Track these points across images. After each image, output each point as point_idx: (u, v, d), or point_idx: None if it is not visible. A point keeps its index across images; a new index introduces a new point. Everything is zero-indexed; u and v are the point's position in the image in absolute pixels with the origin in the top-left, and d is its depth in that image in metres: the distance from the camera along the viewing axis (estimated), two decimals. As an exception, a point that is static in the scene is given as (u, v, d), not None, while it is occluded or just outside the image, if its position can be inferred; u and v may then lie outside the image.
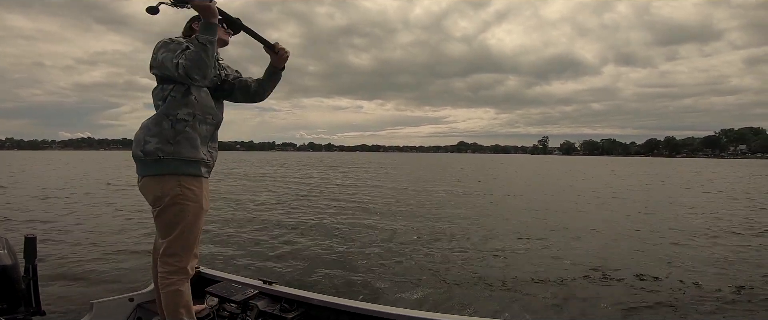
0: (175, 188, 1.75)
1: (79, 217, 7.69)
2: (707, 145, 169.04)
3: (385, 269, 4.55)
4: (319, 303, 2.14)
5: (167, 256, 1.80)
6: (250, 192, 12.66)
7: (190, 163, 1.80)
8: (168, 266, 1.80)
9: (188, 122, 1.78)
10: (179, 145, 1.76)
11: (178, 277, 1.81)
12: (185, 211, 1.79)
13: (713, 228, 7.27)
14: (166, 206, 1.76)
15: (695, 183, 19.75)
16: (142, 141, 1.75)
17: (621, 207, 10.35)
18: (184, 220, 1.79)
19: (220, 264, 4.43)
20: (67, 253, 4.88)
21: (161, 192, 1.75)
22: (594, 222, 7.87)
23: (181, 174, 1.77)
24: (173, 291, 1.79)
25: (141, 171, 1.81)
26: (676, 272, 4.56)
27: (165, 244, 1.80)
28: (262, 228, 6.77)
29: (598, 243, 5.98)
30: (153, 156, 1.73)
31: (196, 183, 1.81)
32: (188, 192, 1.79)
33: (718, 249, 5.68)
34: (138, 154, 1.76)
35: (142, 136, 1.76)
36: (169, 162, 1.75)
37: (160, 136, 1.74)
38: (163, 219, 1.79)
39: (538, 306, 3.60)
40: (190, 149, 1.78)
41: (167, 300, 1.80)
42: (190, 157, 1.78)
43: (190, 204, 1.79)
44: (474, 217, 8.24)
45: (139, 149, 1.75)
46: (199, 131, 1.82)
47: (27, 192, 11.89)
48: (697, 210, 9.95)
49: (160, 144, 1.73)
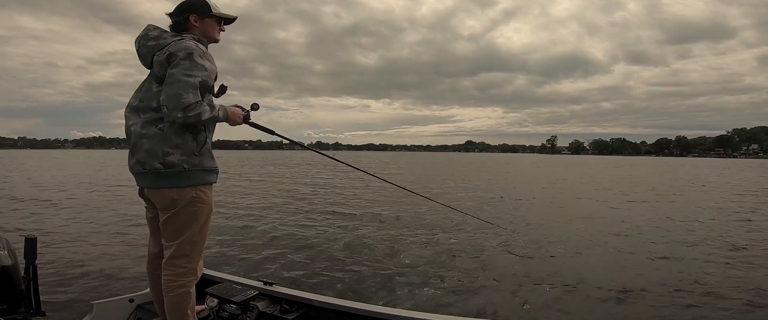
0: (191, 193, 1.75)
1: (80, 217, 7.68)
2: (719, 145, 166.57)
3: (386, 270, 4.53)
4: (319, 305, 2.14)
5: (176, 258, 1.78)
6: (251, 192, 12.67)
7: (210, 172, 1.82)
8: (177, 268, 1.79)
9: (207, 134, 1.80)
10: (203, 156, 1.77)
11: (188, 279, 1.81)
12: (199, 214, 1.79)
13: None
14: (180, 210, 1.75)
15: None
16: (159, 153, 1.68)
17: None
18: (196, 223, 1.79)
19: (221, 265, 4.42)
20: (68, 254, 4.88)
21: (177, 197, 1.74)
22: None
23: (200, 184, 1.78)
24: (183, 293, 1.79)
25: (156, 183, 1.74)
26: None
27: (174, 247, 1.78)
28: (262, 229, 6.76)
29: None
30: (177, 168, 1.70)
31: (209, 188, 1.83)
32: (203, 195, 1.79)
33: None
34: (156, 167, 1.69)
35: (159, 147, 1.68)
36: (194, 174, 1.74)
37: (183, 148, 1.71)
38: (175, 222, 1.77)
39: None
40: (210, 159, 1.81)
41: (176, 302, 1.79)
42: (209, 167, 1.80)
43: (203, 206, 1.80)
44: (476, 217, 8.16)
45: (157, 161, 1.68)
46: (210, 140, 1.84)
47: (28, 193, 11.89)
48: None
49: (185, 156, 1.71)
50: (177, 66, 1.63)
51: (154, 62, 1.74)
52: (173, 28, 1.83)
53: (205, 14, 1.84)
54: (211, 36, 1.88)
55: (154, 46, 1.75)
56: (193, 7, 1.82)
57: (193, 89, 1.63)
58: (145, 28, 1.81)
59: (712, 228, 7.39)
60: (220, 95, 1.81)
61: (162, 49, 1.72)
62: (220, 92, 1.80)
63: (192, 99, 1.62)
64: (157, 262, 1.88)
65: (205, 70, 1.69)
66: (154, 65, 1.75)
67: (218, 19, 1.89)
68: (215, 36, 1.89)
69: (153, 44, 1.75)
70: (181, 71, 1.62)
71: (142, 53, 1.78)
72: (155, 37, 1.76)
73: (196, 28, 1.83)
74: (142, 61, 1.80)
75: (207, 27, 1.85)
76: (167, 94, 1.62)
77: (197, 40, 1.78)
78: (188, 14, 1.81)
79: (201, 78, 1.66)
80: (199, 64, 1.67)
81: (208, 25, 1.86)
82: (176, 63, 1.64)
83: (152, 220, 1.90)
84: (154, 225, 1.89)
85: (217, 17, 1.88)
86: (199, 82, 1.66)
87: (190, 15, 1.81)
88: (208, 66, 1.72)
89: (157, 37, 1.76)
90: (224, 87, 1.82)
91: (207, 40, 1.87)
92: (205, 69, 1.69)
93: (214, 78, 1.77)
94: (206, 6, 1.84)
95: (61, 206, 9.28)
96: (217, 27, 1.90)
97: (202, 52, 1.72)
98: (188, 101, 1.61)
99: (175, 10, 1.83)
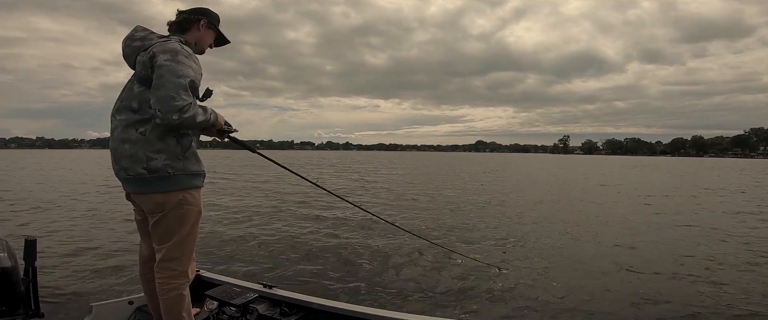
0: (177, 196, 1.74)
1: (80, 219, 7.66)
2: (736, 145, 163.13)
3: (387, 274, 4.49)
4: (318, 307, 2.14)
5: (167, 261, 1.78)
6: (252, 194, 12.71)
7: (196, 176, 1.80)
8: (169, 271, 1.79)
9: (192, 138, 1.77)
10: (188, 160, 1.75)
11: (180, 282, 1.81)
12: (187, 216, 1.78)
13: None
14: (167, 213, 1.74)
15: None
16: (142, 157, 1.65)
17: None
18: (185, 225, 1.79)
19: (220, 267, 4.43)
20: (67, 256, 4.88)
21: (164, 201, 1.73)
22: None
23: (186, 188, 1.76)
24: (176, 295, 1.79)
25: (141, 188, 1.72)
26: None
27: (164, 250, 1.78)
28: (262, 231, 6.76)
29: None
30: (161, 172, 1.67)
31: (196, 191, 1.82)
32: (190, 197, 1.78)
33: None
34: (139, 172, 1.66)
35: (141, 152, 1.65)
36: (179, 178, 1.73)
37: (167, 152, 1.68)
38: (163, 225, 1.76)
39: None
40: (196, 163, 1.78)
41: (169, 305, 1.79)
42: (196, 171, 1.78)
43: (191, 209, 1.79)
44: (482, 218, 8.11)
45: (140, 166, 1.65)
46: (196, 143, 1.81)
47: (31, 193, 11.90)
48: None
49: (169, 160, 1.68)
50: (163, 67, 1.59)
51: (137, 62, 1.72)
52: (174, 25, 1.85)
53: (212, 26, 1.92)
54: (203, 46, 1.92)
55: (139, 47, 1.74)
56: (208, 14, 1.90)
57: (185, 90, 1.60)
58: (133, 28, 1.80)
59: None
60: (204, 99, 1.77)
61: (146, 49, 1.71)
62: (205, 96, 1.77)
63: (186, 100, 1.59)
64: (149, 265, 1.88)
65: (192, 70, 1.66)
66: (136, 65, 1.73)
67: (217, 35, 1.96)
68: (205, 48, 1.93)
69: (138, 45, 1.75)
70: (169, 73, 1.59)
71: (127, 53, 1.78)
72: (141, 37, 1.76)
73: (198, 33, 1.87)
74: (127, 61, 1.80)
75: (206, 37, 1.91)
76: (158, 96, 1.57)
77: (184, 43, 1.77)
78: (201, 17, 1.87)
79: (190, 78, 1.63)
80: (187, 65, 1.64)
81: (208, 36, 1.92)
82: (161, 64, 1.60)
83: (141, 223, 1.90)
84: (144, 228, 1.88)
85: (218, 33, 1.96)
86: (189, 83, 1.62)
87: (203, 18, 1.87)
88: (195, 67, 1.69)
89: (143, 38, 1.75)
90: (209, 91, 1.79)
91: (197, 46, 1.87)
92: (192, 70, 1.66)
93: (199, 80, 1.74)
94: (217, 19, 1.94)
95: (63, 207, 9.26)
96: (210, 41, 1.95)
97: (188, 53, 1.69)
98: (182, 103, 1.57)
99: (190, 9, 1.88)
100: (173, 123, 1.59)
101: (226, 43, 2.03)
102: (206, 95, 1.78)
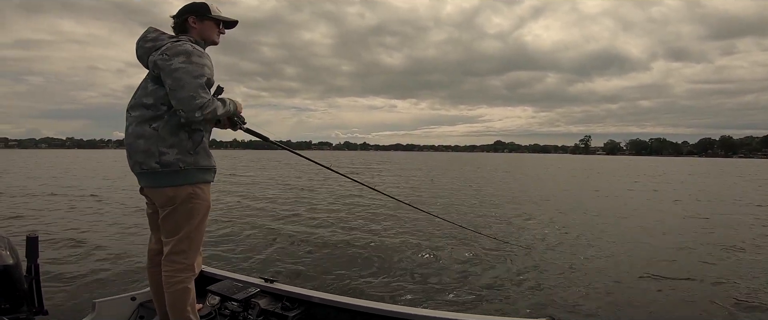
0: (187, 190, 1.79)
1: (82, 216, 7.75)
2: (767, 145, 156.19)
3: (386, 268, 4.50)
4: (320, 301, 2.16)
5: (174, 255, 1.82)
6: (253, 191, 12.82)
7: (207, 171, 1.85)
8: (175, 264, 1.82)
9: (203, 133, 1.83)
10: (198, 155, 1.80)
11: (186, 275, 1.84)
12: (196, 210, 1.83)
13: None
14: (178, 206, 1.79)
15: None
16: (155, 152, 1.72)
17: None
18: (194, 219, 1.83)
19: (222, 262, 4.46)
20: (70, 252, 4.95)
21: (174, 195, 1.78)
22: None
23: (197, 182, 1.81)
24: (182, 289, 1.83)
25: (154, 182, 1.78)
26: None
27: (172, 243, 1.82)
28: (263, 227, 6.79)
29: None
30: (173, 167, 1.74)
31: (206, 185, 1.87)
32: (200, 192, 1.83)
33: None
34: (152, 166, 1.73)
35: (155, 147, 1.72)
36: (189, 173, 1.78)
37: (179, 147, 1.75)
38: (173, 218, 1.81)
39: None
40: (206, 158, 1.84)
41: (175, 298, 1.83)
42: (206, 166, 1.84)
43: (201, 203, 1.84)
44: (493, 215, 7.95)
45: (153, 161, 1.72)
46: (207, 139, 1.87)
47: (33, 192, 12.00)
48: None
49: (180, 155, 1.75)
50: (180, 70, 1.66)
51: (150, 62, 1.78)
52: (175, 30, 1.89)
53: (204, 16, 1.89)
54: (209, 38, 1.92)
55: (151, 48, 1.81)
56: (193, 8, 1.88)
57: (203, 89, 1.69)
58: (146, 30, 1.87)
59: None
60: (215, 96, 1.82)
61: (158, 49, 1.77)
62: (216, 93, 1.83)
63: (205, 97, 1.69)
64: (157, 259, 1.92)
65: (208, 68, 1.74)
66: (149, 65, 1.80)
67: (217, 21, 1.93)
68: (214, 38, 1.94)
69: (150, 45, 1.82)
70: (186, 74, 1.66)
71: (140, 54, 1.85)
72: (153, 38, 1.83)
73: (195, 29, 1.88)
74: (141, 61, 1.86)
75: (205, 29, 1.90)
76: (179, 98, 1.66)
77: (194, 42, 1.82)
78: (187, 15, 1.87)
79: (206, 77, 1.73)
80: (201, 64, 1.72)
81: (207, 27, 1.90)
82: (178, 67, 1.67)
83: (152, 216, 1.96)
84: (154, 221, 1.94)
85: (215, 20, 1.92)
86: (205, 82, 1.72)
87: (189, 16, 1.86)
88: (208, 65, 1.76)
89: (155, 39, 1.82)
90: (220, 88, 1.85)
91: (205, 42, 1.91)
92: (206, 68, 1.74)
93: (212, 76, 1.80)
94: (205, 8, 1.89)
95: (67, 204, 9.39)
96: (216, 29, 1.94)
97: (201, 53, 1.77)
98: (202, 101, 1.67)
99: (177, 11, 1.89)
100: (197, 120, 1.70)
101: (233, 23, 1.99)
102: (217, 92, 1.83)
